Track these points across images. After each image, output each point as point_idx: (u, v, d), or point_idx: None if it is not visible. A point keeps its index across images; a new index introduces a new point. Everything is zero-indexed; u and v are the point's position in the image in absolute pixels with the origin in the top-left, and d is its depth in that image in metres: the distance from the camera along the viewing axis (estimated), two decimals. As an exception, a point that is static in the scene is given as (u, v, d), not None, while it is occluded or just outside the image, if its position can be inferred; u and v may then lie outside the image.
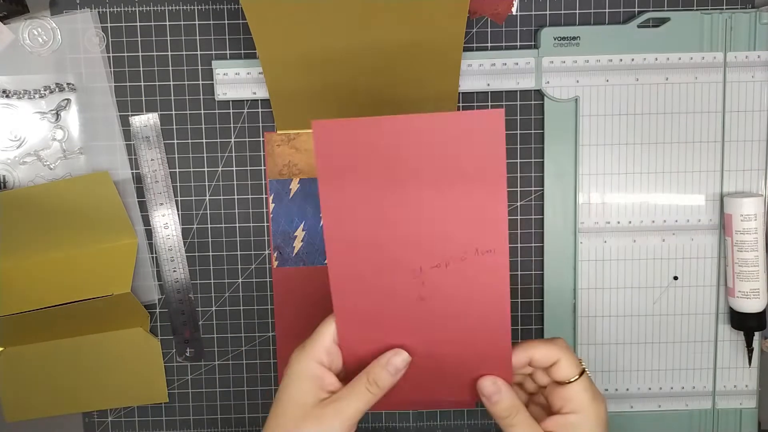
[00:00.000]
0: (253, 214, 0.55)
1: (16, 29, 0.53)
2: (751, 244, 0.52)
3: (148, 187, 0.54)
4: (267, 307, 0.56)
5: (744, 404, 0.56)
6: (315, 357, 0.41)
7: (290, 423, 0.40)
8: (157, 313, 0.56)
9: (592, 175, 0.54)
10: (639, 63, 0.53)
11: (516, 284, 0.56)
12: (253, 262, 0.55)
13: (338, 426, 0.39)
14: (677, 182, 0.54)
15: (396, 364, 0.40)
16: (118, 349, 0.54)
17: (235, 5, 0.53)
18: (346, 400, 0.40)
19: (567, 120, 0.54)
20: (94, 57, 0.54)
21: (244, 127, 0.54)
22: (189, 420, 0.57)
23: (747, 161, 0.54)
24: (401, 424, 0.57)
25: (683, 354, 0.55)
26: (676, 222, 0.54)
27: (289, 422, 0.40)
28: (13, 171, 0.54)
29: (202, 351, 0.56)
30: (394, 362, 0.40)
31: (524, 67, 0.53)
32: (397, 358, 0.41)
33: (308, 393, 0.40)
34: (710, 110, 0.54)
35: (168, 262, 0.55)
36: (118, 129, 0.54)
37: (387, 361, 0.40)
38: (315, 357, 0.41)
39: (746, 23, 0.53)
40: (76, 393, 0.55)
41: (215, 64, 0.53)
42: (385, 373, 0.40)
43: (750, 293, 0.53)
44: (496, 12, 0.53)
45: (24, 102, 0.54)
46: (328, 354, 0.41)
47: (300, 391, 0.40)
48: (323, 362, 0.41)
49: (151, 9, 0.53)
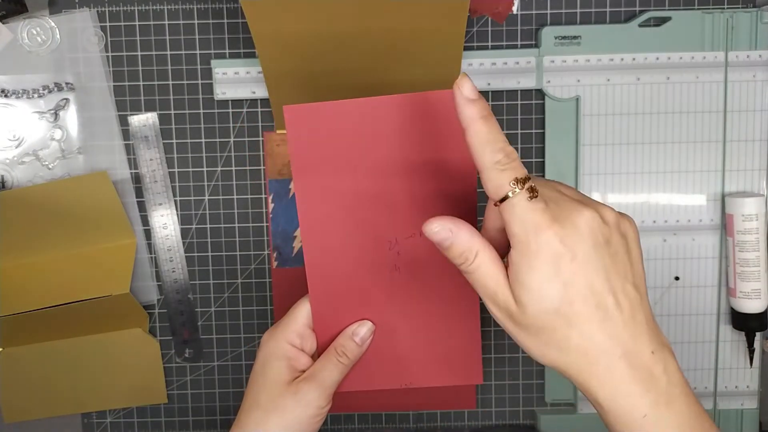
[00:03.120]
0: (252, 214, 0.55)
1: (15, 29, 0.53)
2: (753, 244, 0.52)
3: (147, 187, 0.54)
4: (266, 307, 0.56)
5: (745, 405, 0.56)
6: (286, 338, 0.42)
7: (267, 400, 0.41)
8: (156, 314, 0.56)
9: (593, 174, 0.54)
10: (640, 62, 0.52)
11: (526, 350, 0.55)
12: (252, 262, 0.55)
13: (315, 397, 0.41)
14: (678, 182, 0.54)
15: (361, 334, 0.43)
16: (117, 349, 0.54)
17: (234, 4, 0.53)
18: (320, 373, 0.42)
19: (568, 119, 0.54)
20: (92, 56, 0.53)
21: (244, 126, 0.54)
22: (188, 421, 0.57)
23: (748, 161, 0.54)
24: (401, 425, 0.57)
25: (684, 354, 0.55)
26: (677, 222, 0.54)
27: (266, 400, 0.41)
28: (11, 171, 0.54)
29: (201, 351, 0.56)
30: (359, 332, 0.43)
31: (525, 67, 0.53)
32: (362, 328, 0.43)
33: (282, 372, 0.42)
34: (711, 110, 0.53)
35: (167, 263, 0.55)
36: (117, 129, 0.54)
37: (353, 332, 0.43)
38: (286, 338, 0.42)
39: (747, 23, 0.52)
40: (75, 393, 0.55)
41: (214, 64, 0.53)
42: (352, 343, 0.42)
43: (751, 293, 0.53)
44: (497, 11, 0.53)
45: (23, 101, 0.54)
46: (300, 336, 0.43)
47: (273, 370, 0.42)
48: (295, 344, 0.43)
49: (150, 8, 0.53)
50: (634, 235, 0.34)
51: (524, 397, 0.57)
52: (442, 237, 0.34)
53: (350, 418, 0.57)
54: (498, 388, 0.57)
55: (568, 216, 0.32)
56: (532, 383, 0.57)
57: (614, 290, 0.32)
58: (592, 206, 0.33)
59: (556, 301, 0.32)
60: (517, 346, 0.56)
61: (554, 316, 0.32)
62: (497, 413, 0.57)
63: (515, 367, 0.57)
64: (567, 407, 0.56)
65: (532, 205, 0.31)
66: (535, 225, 0.31)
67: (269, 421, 0.41)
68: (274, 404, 0.41)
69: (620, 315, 0.32)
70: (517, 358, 0.56)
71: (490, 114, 0.33)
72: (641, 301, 0.33)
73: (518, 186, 0.32)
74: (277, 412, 0.41)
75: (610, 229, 0.33)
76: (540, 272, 0.32)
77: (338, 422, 0.57)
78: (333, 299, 0.42)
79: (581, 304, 0.32)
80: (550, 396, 0.56)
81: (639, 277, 0.34)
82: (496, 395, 0.57)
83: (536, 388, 0.57)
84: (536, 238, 0.31)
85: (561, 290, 0.31)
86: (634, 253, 0.34)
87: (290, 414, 0.41)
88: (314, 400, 0.41)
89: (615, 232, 0.33)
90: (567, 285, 0.31)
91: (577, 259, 0.31)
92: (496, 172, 0.32)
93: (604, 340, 0.32)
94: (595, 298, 0.32)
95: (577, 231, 0.32)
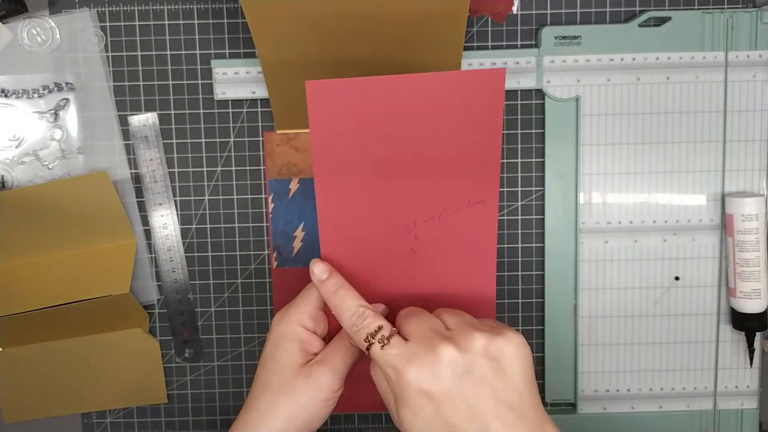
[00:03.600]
0: (252, 214, 0.55)
1: (15, 28, 0.53)
2: (753, 244, 0.52)
3: (147, 187, 0.54)
4: (266, 307, 0.56)
5: (745, 405, 0.56)
6: (298, 320, 0.42)
7: (279, 383, 0.41)
8: (156, 314, 0.56)
9: (593, 174, 0.54)
10: (640, 62, 0.52)
11: (517, 284, 0.55)
12: (252, 262, 0.55)
13: (329, 381, 0.41)
14: (678, 182, 0.54)
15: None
16: (117, 349, 0.54)
17: (234, 4, 0.53)
18: (332, 356, 0.41)
19: (568, 119, 0.54)
20: (92, 56, 0.53)
21: (244, 126, 0.54)
22: (188, 421, 0.57)
23: (748, 161, 0.54)
24: (401, 425, 0.57)
25: (684, 355, 0.55)
26: (677, 222, 0.54)
27: (278, 382, 0.41)
28: (11, 171, 0.54)
29: (201, 352, 0.56)
30: None
31: (525, 67, 0.53)
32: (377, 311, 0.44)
33: (295, 354, 0.41)
34: (711, 110, 0.53)
35: (167, 263, 0.55)
36: (117, 128, 0.54)
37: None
38: (298, 320, 0.42)
39: (747, 22, 0.52)
40: (74, 393, 0.55)
41: (214, 63, 0.53)
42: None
43: (751, 293, 0.53)
44: (497, 11, 0.53)
45: (22, 101, 0.54)
46: (313, 319, 0.42)
47: (286, 353, 0.41)
48: (307, 326, 0.42)
49: (150, 8, 0.53)
50: (514, 352, 0.36)
51: (524, 397, 0.57)
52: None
53: (350, 418, 0.57)
54: (498, 388, 0.57)
55: (424, 354, 0.35)
56: (532, 383, 0.57)
57: (482, 415, 0.34)
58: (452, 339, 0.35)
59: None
60: (517, 346, 0.56)
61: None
62: (497, 413, 0.57)
63: (515, 367, 0.56)
64: (567, 407, 0.56)
65: (386, 351, 0.36)
66: (393, 367, 0.35)
67: (281, 404, 0.40)
68: (286, 387, 0.40)
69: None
70: (517, 358, 0.56)
71: (341, 285, 0.40)
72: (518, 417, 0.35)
73: (370, 339, 0.37)
74: (289, 394, 0.40)
75: (472, 357, 0.35)
76: (406, 408, 0.35)
77: (338, 422, 0.57)
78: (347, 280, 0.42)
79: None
80: (550, 396, 0.56)
81: (516, 393, 0.35)
82: (496, 395, 0.57)
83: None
84: (398, 379, 0.35)
85: (425, 424, 0.35)
86: (510, 371, 0.35)
87: (303, 397, 0.40)
88: (327, 384, 0.40)
89: (478, 358, 0.35)
90: (430, 419, 0.34)
91: (435, 394, 0.34)
92: (354, 334, 0.39)
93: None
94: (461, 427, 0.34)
95: (433, 367, 0.34)
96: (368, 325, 0.38)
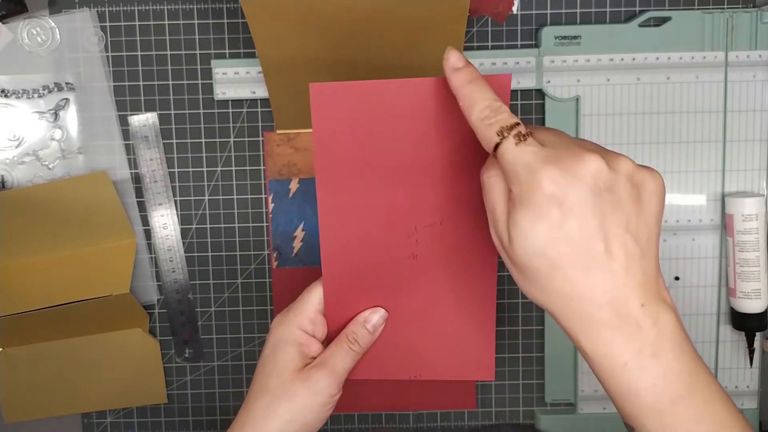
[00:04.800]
0: (252, 214, 0.55)
1: (15, 28, 0.53)
2: (753, 244, 0.52)
3: (147, 187, 0.54)
4: (266, 307, 0.56)
5: (745, 405, 0.56)
6: (297, 323, 0.42)
7: (277, 386, 0.41)
8: (156, 314, 0.56)
9: (592, 174, 0.54)
10: (640, 62, 0.52)
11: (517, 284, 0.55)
12: (252, 262, 0.55)
13: (327, 385, 0.40)
14: (678, 182, 0.54)
15: (373, 321, 0.42)
16: (117, 349, 0.54)
17: (234, 4, 0.53)
18: (331, 360, 0.41)
19: (568, 119, 0.54)
20: (92, 56, 0.53)
21: (244, 126, 0.54)
22: (188, 421, 0.57)
23: (748, 161, 0.54)
24: (401, 425, 0.57)
25: (684, 354, 0.55)
26: (677, 222, 0.54)
27: (276, 385, 0.41)
28: (11, 171, 0.54)
29: (201, 352, 0.56)
30: (371, 319, 0.42)
31: (525, 67, 0.53)
32: (375, 316, 0.42)
33: (294, 357, 0.41)
34: (711, 110, 0.53)
35: (167, 263, 0.55)
36: (117, 128, 0.54)
37: (365, 319, 0.42)
38: (297, 323, 0.42)
39: (747, 23, 0.52)
40: (75, 393, 0.55)
41: (214, 63, 0.53)
42: (364, 331, 0.42)
43: (751, 293, 0.53)
44: (497, 11, 0.53)
45: (22, 101, 0.54)
46: (312, 322, 0.42)
47: (284, 356, 0.41)
48: (306, 329, 0.42)
49: (150, 8, 0.53)
50: (655, 188, 0.33)
51: (524, 397, 0.57)
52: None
53: (350, 418, 0.57)
54: (498, 388, 0.57)
55: (565, 159, 0.31)
56: (532, 383, 0.57)
57: (607, 238, 0.31)
58: (599, 153, 0.32)
59: (542, 242, 0.31)
60: (517, 346, 0.56)
61: (539, 257, 0.31)
62: (497, 413, 0.57)
63: (515, 367, 0.57)
64: (567, 407, 0.56)
65: (521, 149, 0.32)
66: (526, 166, 0.31)
67: (279, 407, 0.40)
68: (284, 390, 0.40)
69: (609, 264, 0.31)
70: (517, 358, 0.56)
71: (477, 77, 0.34)
72: (641, 255, 0.32)
73: (505, 133, 0.32)
74: (287, 398, 0.40)
75: (617, 176, 0.32)
76: (528, 212, 0.31)
77: (338, 422, 0.57)
78: (346, 284, 0.42)
79: (566, 247, 0.31)
80: (550, 396, 0.56)
81: (646, 231, 0.32)
82: (496, 395, 0.57)
83: (536, 388, 0.57)
84: (528, 179, 0.31)
85: (547, 232, 0.31)
86: (647, 206, 0.32)
87: (301, 401, 0.40)
88: (325, 388, 0.40)
89: (623, 181, 0.32)
90: (554, 227, 0.31)
91: (568, 202, 0.31)
92: (483, 128, 0.33)
93: (586, 286, 0.31)
94: (583, 244, 0.31)
95: (573, 174, 0.31)
96: (505, 119, 0.33)
